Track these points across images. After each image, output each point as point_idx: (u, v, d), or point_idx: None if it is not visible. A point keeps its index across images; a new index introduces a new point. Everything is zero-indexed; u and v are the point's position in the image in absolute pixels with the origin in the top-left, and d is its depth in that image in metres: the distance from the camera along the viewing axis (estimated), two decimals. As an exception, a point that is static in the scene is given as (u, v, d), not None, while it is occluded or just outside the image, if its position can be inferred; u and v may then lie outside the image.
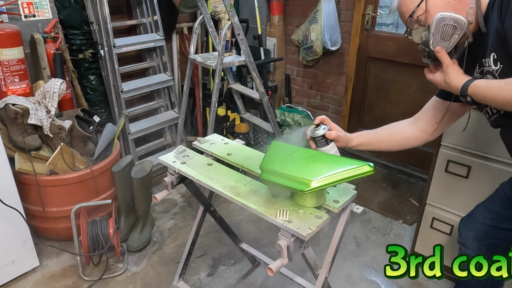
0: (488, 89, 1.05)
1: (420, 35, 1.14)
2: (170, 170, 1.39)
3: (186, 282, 1.82)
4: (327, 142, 1.25)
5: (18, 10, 2.19)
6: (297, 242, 1.07)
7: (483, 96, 1.07)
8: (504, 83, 1.02)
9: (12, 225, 1.83)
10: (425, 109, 1.41)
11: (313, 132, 1.26)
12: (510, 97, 0.99)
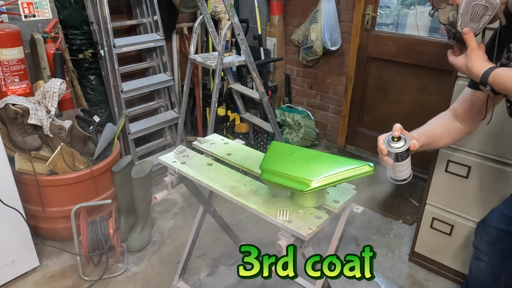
0: (510, 78, 1.00)
1: (447, 15, 1.06)
2: (170, 170, 1.39)
3: (186, 282, 1.82)
4: (408, 154, 1.13)
5: (18, 10, 2.19)
6: (297, 242, 1.07)
7: (503, 85, 1.02)
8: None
9: (12, 225, 1.83)
10: (460, 102, 1.33)
11: (394, 147, 1.12)
12: None
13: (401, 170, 1.17)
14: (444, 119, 1.33)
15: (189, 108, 3.23)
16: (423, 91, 2.74)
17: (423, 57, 2.64)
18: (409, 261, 2.10)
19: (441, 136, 1.30)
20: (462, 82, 1.65)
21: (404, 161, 1.14)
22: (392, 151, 1.12)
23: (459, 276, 1.93)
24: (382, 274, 2.02)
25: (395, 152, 1.11)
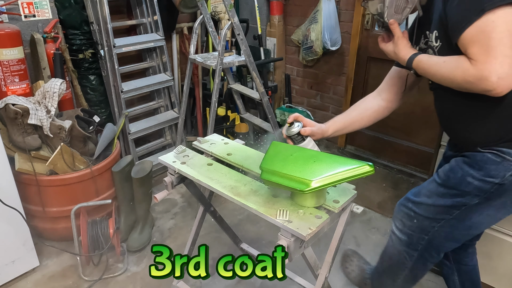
0: (429, 64, 1.16)
1: (375, 7, 1.22)
2: (170, 170, 1.39)
3: (186, 282, 1.82)
4: (303, 138, 1.31)
5: (18, 10, 2.19)
6: (297, 242, 1.07)
7: (424, 70, 1.18)
8: (443, 61, 1.12)
9: (12, 225, 1.83)
10: (386, 80, 1.52)
11: (288, 131, 1.32)
12: (446, 75, 1.10)
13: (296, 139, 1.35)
14: (363, 101, 1.51)
15: (189, 108, 3.23)
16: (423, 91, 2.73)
17: (423, 57, 2.64)
18: (409, 261, 2.10)
19: (357, 118, 1.50)
20: (462, 82, 1.65)
21: (302, 143, 1.32)
22: (288, 134, 1.32)
23: (459, 276, 1.93)
24: (382, 274, 2.02)
25: (288, 135, 1.32)
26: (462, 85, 1.06)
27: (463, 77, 1.04)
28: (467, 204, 1.24)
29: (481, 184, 1.19)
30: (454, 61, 1.07)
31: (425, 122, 2.79)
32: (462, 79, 1.04)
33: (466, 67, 1.02)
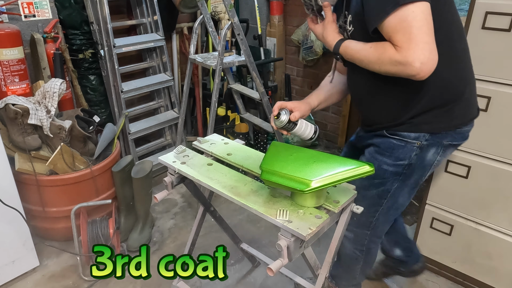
0: (357, 50, 1.20)
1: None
2: (170, 170, 1.39)
3: (186, 282, 1.82)
4: (295, 123, 1.32)
5: (18, 10, 2.19)
6: (297, 242, 1.07)
7: (351, 56, 1.22)
8: (369, 47, 1.16)
9: (12, 225, 1.83)
10: None
11: (277, 122, 1.32)
12: (374, 60, 1.14)
13: (301, 133, 1.37)
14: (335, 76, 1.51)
15: (189, 108, 3.23)
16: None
17: (423, 57, 2.64)
18: (409, 261, 2.10)
19: (334, 90, 1.50)
20: (462, 82, 1.65)
21: (295, 128, 1.33)
22: (279, 126, 1.32)
23: (459, 276, 1.93)
24: (382, 274, 2.02)
25: (281, 126, 1.32)
26: (389, 70, 1.12)
27: (390, 62, 1.09)
28: (390, 190, 1.37)
29: (395, 169, 1.33)
30: (380, 47, 1.12)
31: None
32: (389, 64, 1.10)
33: (392, 53, 1.08)
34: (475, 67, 1.62)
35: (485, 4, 1.52)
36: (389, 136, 1.32)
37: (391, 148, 1.32)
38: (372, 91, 1.32)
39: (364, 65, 1.19)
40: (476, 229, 1.79)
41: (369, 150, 1.40)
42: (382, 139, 1.34)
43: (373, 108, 1.36)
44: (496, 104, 1.59)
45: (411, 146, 1.29)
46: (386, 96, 1.29)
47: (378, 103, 1.33)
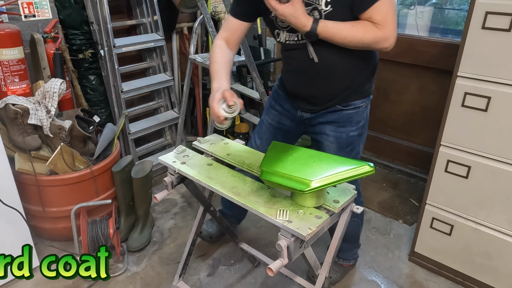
0: (339, 29, 1.30)
1: None
2: (170, 170, 1.39)
3: (186, 282, 1.82)
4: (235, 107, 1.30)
5: (18, 10, 2.19)
6: (297, 242, 1.07)
7: (332, 34, 1.31)
8: (351, 26, 1.30)
9: (12, 225, 1.83)
10: (231, 31, 1.55)
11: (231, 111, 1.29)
12: (358, 38, 1.30)
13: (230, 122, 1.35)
14: (224, 53, 1.52)
15: (189, 108, 3.23)
16: (423, 91, 2.74)
17: (423, 57, 2.64)
18: (409, 261, 2.10)
19: (228, 68, 1.52)
20: (462, 82, 1.65)
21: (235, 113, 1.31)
22: (229, 116, 1.30)
23: (459, 276, 1.93)
24: (382, 274, 2.03)
25: (233, 115, 1.30)
26: (369, 45, 1.32)
27: (374, 38, 1.30)
28: (359, 150, 1.65)
29: (358, 131, 1.59)
30: (362, 26, 1.30)
31: (425, 122, 2.79)
32: (372, 40, 1.30)
33: (375, 31, 1.29)
34: (475, 67, 1.62)
35: (485, 4, 1.52)
36: (344, 108, 1.54)
37: (350, 118, 1.55)
38: (331, 70, 1.45)
39: (345, 43, 1.32)
40: (476, 229, 1.79)
41: (329, 128, 1.57)
42: (338, 114, 1.55)
43: (328, 86, 1.50)
44: (496, 104, 1.59)
45: (362, 109, 1.56)
46: (343, 72, 1.46)
47: (335, 80, 1.47)
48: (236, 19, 1.52)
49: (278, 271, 1.07)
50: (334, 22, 1.31)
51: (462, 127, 1.70)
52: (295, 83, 1.58)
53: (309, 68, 1.47)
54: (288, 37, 1.46)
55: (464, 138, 1.72)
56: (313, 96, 1.55)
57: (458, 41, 2.44)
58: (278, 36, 1.50)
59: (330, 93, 1.52)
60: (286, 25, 1.42)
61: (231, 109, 1.29)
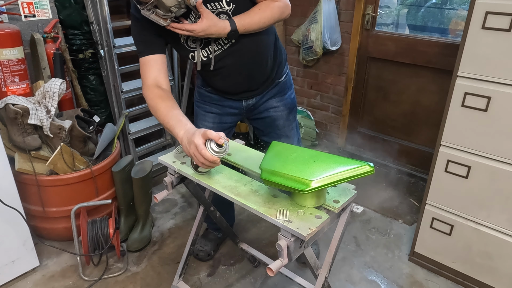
0: (252, 18, 1.41)
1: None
2: (170, 170, 1.39)
3: (186, 282, 1.82)
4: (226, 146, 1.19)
5: (18, 10, 2.19)
6: (297, 242, 1.07)
7: (250, 25, 1.41)
8: (258, 9, 1.42)
9: (12, 225, 1.84)
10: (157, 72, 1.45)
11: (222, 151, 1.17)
12: (270, 17, 1.44)
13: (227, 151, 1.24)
14: (170, 99, 1.41)
15: (189, 108, 3.23)
16: (423, 91, 2.74)
17: (423, 57, 2.64)
18: (409, 261, 2.10)
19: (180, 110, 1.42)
20: (462, 82, 1.65)
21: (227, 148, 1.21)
22: (225, 154, 1.20)
23: (459, 276, 1.93)
24: (382, 274, 2.03)
25: (227, 151, 1.20)
26: (279, 18, 1.46)
27: (279, 10, 1.45)
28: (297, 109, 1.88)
29: (294, 92, 1.84)
30: (265, 5, 1.42)
31: (425, 122, 2.79)
32: (280, 12, 1.45)
33: (277, 4, 1.44)
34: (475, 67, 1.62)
35: (485, 4, 1.52)
36: (281, 80, 1.73)
37: (286, 83, 1.76)
38: (262, 53, 1.58)
39: (261, 26, 1.44)
40: (476, 229, 1.79)
41: (276, 100, 1.75)
42: (278, 86, 1.73)
43: (265, 69, 1.63)
44: (496, 104, 1.59)
45: (289, 73, 1.80)
46: (270, 49, 1.61)
47: (268, 59, 1.61)
48: (152, 55, 1.44)
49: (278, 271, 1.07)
50: (245, 14, 1.41)
51: (462, 127, 1.71)
52: (234, 83, 1.63)
53: (244, 64, 1.56)
54: (206, 53, 1.50)
55: (464, 138, 1.71)
56: (255, 84, 1.66)
57: (458, 41, 2.44)
58: (194, 58, 1.51)
59: (268, 73, 1.65)
60: (199, 43, 1.46)
61: (223, 147, 1.17)
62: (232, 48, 1.50)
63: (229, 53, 1.50)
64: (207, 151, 1.16)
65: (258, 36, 1.51)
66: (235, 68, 1.56)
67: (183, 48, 1.50)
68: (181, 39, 1.47)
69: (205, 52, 1.50)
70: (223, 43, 1.48)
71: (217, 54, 1.50)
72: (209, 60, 1.51)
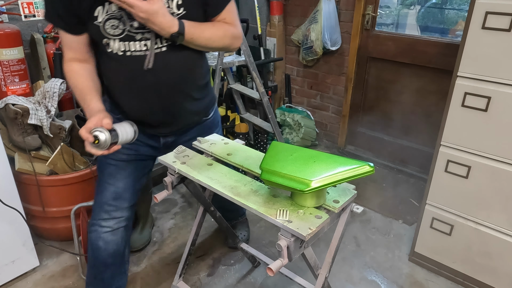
0: (202, 29, 1.25)
1: None
2: (170, 170, 1.39)
3: (186, 282, 1.82)
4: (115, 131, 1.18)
5: (18, 10, 2.19)
6: (297, 242, 1.07)
7: (197, 35, 1.24)
8: (212, 25, 1.28)
9: (12, 225, 1.84)
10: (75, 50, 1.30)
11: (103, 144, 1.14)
12: (221, 36, 1.29)
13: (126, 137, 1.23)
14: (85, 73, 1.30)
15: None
16: (423, 91, 2.74)
17: (423, 57, 2.64)
18: (409, 261, 2.10)
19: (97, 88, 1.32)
20: (462, 82, 1.65)
21: (119, 135, 1.19)
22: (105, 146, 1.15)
23: (459, 276, 1.93)
24: (382, 274, 2.03)
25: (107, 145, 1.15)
26: (229, 44, 1.33)
27: (232, 36, 1.32)
28: None
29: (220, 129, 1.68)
30: (220, 25, 1.29)
31: (425, 122, 2.79)
32: (231, 38, 1.32)
33: (232, 29, 1.31)
34: (475, 67, 1.62)
35: (485, 4, 1.52)
36: (208, 118, 1.56)
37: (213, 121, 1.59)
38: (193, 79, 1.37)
39: (207, 44, 1.28)
40: (476, 229, 1.79)
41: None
42: (204, 124, 1.55)
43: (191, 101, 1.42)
44: (496, 104, 1.59)
45: (216, 108, 1.62)
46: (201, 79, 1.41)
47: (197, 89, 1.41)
48: (68, 34, 1.27)
49: (278, 271, 1.07)
50: (196, 22, 1.23)
51: (462, 127, 1.71)
52: (148, 108, 1.36)
53: (166, 84, 1.30)
54: (126, 47, 1.24)
55: (464, 138, 1.71)
56: (178, 116, 1.41)
57: (458, 41, 2.44)
58: (108, 46, 1.25)
59: (195, 107, 1.42)
60: (119, 32, 1.21)
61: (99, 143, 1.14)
62: (162, 58, 1.25)
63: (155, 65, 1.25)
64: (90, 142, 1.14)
65: (195, 56, 1.32)
66: (152, 86, 1.30)
67: (94, 30, 1.22)
68: (99, 17, 1.20)
69: (126, 45, 1.24)
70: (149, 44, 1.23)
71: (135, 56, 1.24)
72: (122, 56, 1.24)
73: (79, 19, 1.21)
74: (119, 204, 1.52)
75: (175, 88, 1.34)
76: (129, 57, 1.25)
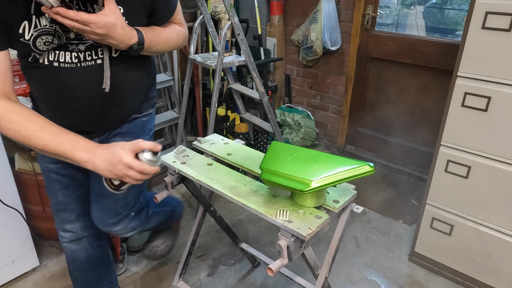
0: (158, 35, 1.21)
1: None
2: (170, 170, 1.39)
3: (186, 282, 1.82)
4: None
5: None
6: (297, 242, 1.07)
7: (155, 41, 1.19)
8: (164, 29, 1.25)
9: (12, 225, 1.83)
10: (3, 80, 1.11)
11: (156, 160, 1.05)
12: (175, 39, 1.29)
13: None
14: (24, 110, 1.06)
15: (189, 108, 3.23)
16: (423, 91, 2.75)
17: (423, 57, 2.64)
18: (409, 261, 2.10)
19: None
20: (462, 82, 1.65)
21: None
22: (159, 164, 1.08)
23: (459, 276, 1.93)
24: (382, 274, 2.03)
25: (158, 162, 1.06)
26: (180, 45, 1.34)
27: (184, 36, 1.35)
28: None
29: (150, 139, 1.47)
30: (172, 28, 1.30)
31: (425, 122, 2.79)
32: (183, 40, 1.34)
33: (182, 30, 1.34)
34: (475, 67, 1.62)
35: (485, 4, 1.52)
36: (138, 116, 1.41)
37: (144, 125, 1.43)
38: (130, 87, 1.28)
39: (163, 48, 1.26)
40: (476, 229, 1.79)
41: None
42: (132, 123, 1.39)
43: (124, 108, 1.32)
44: (496, 104, 1.59)
45: (152, 116, 1.48)
46: (139, 86, 1.34)
47: (131, 97, 1.33)
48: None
49: (278, 271, 1.07)
50: (147, 28, 1.16)
51: (462, 127, 1.71)
52: (79, 119, 1.23)
53: (102, 95, 1.17)
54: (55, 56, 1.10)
55: (464, 138, 1.72)
56: (107, 122, 1.32)
57: (458, 41, 2.44)
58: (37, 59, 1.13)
59: (125, 112, 1.34)
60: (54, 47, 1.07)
61: (158, 154, 1.04)
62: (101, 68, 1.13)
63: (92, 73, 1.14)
64: (147, 165, 1.01)
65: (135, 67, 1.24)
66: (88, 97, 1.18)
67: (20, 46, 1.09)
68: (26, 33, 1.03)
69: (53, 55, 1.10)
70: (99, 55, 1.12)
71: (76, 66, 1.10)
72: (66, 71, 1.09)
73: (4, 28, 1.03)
74: (66, 216, 1.45)
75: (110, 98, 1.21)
76: (57, 67, 1.10)
